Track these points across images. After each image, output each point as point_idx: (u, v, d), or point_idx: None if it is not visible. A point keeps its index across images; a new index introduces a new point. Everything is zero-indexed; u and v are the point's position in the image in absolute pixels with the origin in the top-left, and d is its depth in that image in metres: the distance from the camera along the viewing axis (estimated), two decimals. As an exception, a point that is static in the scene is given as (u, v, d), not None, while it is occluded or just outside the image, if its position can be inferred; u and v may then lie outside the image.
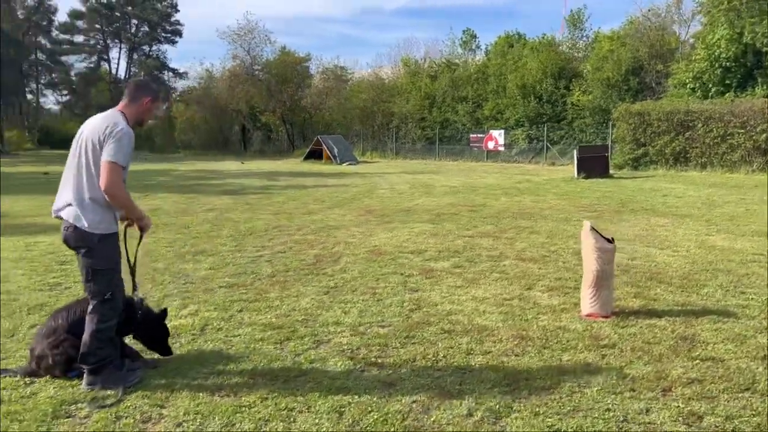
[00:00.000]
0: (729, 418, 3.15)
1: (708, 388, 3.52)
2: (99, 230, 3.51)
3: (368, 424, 3.07)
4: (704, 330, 4.50)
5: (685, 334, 4.41)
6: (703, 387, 3.54)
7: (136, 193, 15.16)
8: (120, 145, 3.47)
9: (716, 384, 3.57)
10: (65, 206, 3.55)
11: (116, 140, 3.48)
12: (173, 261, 7.06)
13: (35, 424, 3.06)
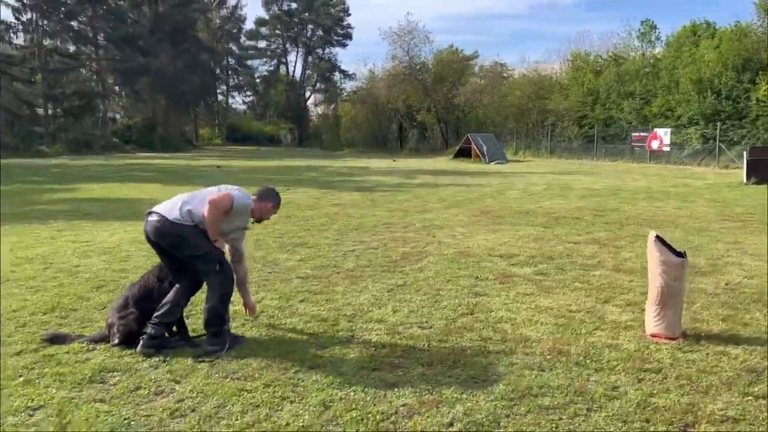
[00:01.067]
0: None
1: (740, 429, 3.07)
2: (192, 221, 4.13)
3: (345, 421, 3.13)
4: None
5: (755, 367, 3.86)
6: (734, 428, 3.10)
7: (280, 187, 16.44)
8: (238, 191, 4.29)
9: (754, 426, 3.10)
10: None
11: (240, 193, 4.28)
12: (273, 251, 7.57)
13: (71, 386, 3.53)
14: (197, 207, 4.12)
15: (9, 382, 3.57)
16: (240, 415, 3.18)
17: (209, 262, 4.11)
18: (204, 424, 3.08)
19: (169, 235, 4.08)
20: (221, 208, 4.14)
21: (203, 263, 4.11)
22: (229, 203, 4.16)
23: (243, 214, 4.33)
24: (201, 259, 4.10)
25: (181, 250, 4.09)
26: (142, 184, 17.49)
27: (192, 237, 4.07)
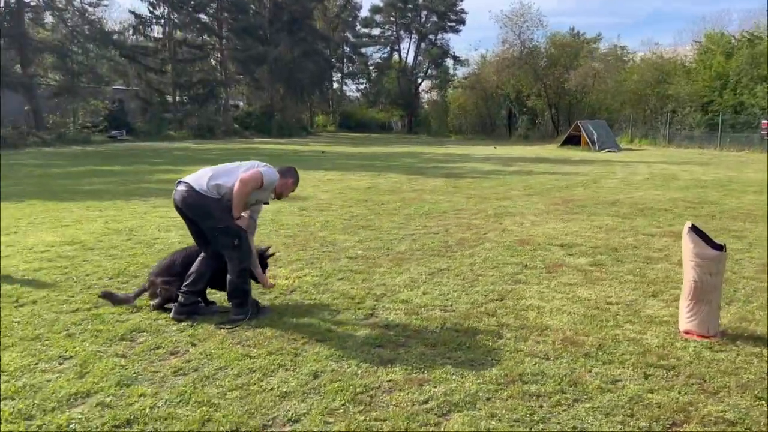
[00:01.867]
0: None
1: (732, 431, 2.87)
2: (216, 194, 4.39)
3: (326, 390, 3.27)
4: (818, 370, 3.55)
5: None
6: (725, 430, 2.90)
7: (373, 172, 16.79)
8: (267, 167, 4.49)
9: (750, 430, 2.89)
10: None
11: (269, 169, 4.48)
12: (337, 232, 7.82)
13: (102, 342, 3.95)
14: (224, 181, 4.38)
15: (55, 335, 4.05)
16: (234, 378, 3.42)
17: (228, 236, 4.37)
18: (198, 383, 3.35)
19: (194, 205, 4.37)
20: (252, 185, 4.36)
21: (223, 236, 4.38)
22: (260, 181, 4.38)
23: (267, 190, 4.55)
24: (221, 232, 4.37)
25: (205, 221, 4.39)
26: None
27: (215, 210, 4.35)
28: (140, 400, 3.11)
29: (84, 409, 3.02)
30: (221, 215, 4.37)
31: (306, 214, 9.31)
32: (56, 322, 4.31)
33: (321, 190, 12.35)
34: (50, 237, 7.30)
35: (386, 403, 3.13)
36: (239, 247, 4.40)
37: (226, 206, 4.38)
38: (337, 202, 10.58)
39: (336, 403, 3.12)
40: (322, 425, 2.90)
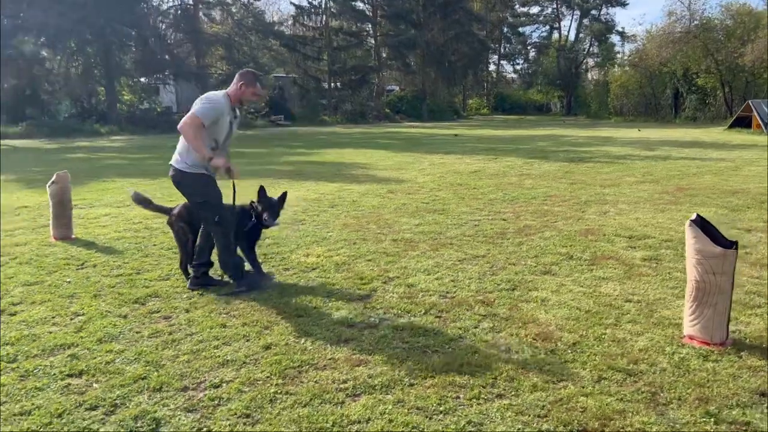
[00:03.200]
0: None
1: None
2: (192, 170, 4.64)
3: (263, 362, 3.45)
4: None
5: (760, 389, 3.09)
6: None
7: (492, 155, 16.46)
8: (201, 105, 4.52)
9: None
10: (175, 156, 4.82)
11: (201, 101, 4.57)
12: (404, 215, 7.91)
13: (118, 303, 4.48)
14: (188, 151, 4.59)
15: (85, 295, 4.66)
16: (195, 344, 3.73)
17: (208, 211, 4.65)
18: (162, 345, 3.71)
19: (179, 183, 4.69)
20: (192, 127, 4.42)
21: (204, 210, 4.68)
22: (196, 121, 4.42)
23: (222, 114, 4.56)
24: (201, 207, 4.68)
25: (189, 197, 4.71)
26: (372, 150, 19.07)
27: (194, 185, 4.61)
28: (104, 356, 3.54)
29: (56, 359, 3.50)
30: (200, 189, 4.62)
31: (390, 196, 9.49)
32: (95, 284, 4.96)
33: (425, 174, 12.43)
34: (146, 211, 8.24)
35: (308, 379, 3.25)
36: (220, 223, 4.66)
37: (206, 179, 4.60)
38: (429, 186, 10.62)
39: (262, 374, 3.30)
40: (235, 393, 3.10)
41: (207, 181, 4.69)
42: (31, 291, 4.78)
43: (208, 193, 4.67)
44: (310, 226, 7.30)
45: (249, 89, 4.72)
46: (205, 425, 2.78)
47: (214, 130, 4.60)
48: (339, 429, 2.76)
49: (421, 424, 2.79)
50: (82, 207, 8.68)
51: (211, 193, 4.69)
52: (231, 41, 36.04)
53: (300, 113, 40.54)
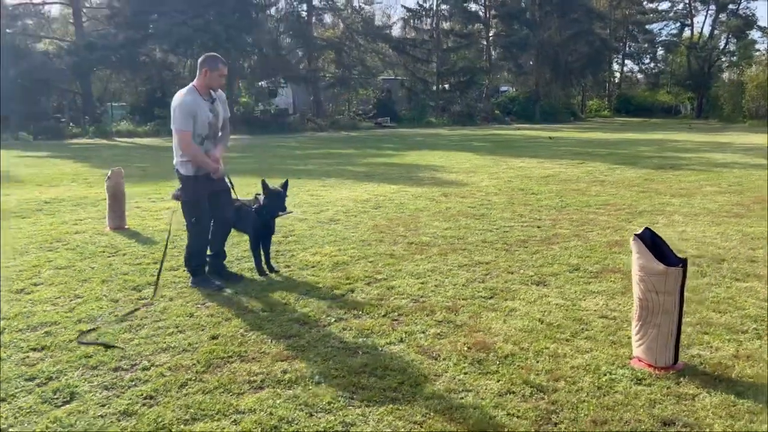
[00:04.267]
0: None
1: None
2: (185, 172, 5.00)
3: (198, 351, 3.71)
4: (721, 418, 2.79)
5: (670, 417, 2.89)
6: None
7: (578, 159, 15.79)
8: (175, 115, 4.80)
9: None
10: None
11: (174, 111, 4.83)
12: (439, 219, 7.92)
13: (117, 289, 4.95)
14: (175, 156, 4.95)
15: (95, 280, 5.19)
16: (154, 329, 4.06)
17: (188, 213, 5.00)
18: (128, 329, 4.08)
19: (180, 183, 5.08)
20: (190, 147, 4.76)
21: (185, 211, 5.03)
22: (186, 137, 4.73)
23: (194, 110, 4.74)
24: (184, 205, 5.03)
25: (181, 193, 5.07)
26: (458, 152, 18.97)
27: (183, 185, 4.97)
28: (71, 335, 3.97)
29: (33, 334, 3.98)
30: (186, 191, 4.97)
31: (440, 199, 9.50)
32: (111, 270, 5.49)
33: (493, 178, 12.24)
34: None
35: (227, 370, 3.46)
36: (195, 226, 5.00)
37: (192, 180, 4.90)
38: (488, 190, 10.48)
39: (190, 362, 3.56)
40: (156, 376, 3.37)
41: (193, 183, 4.98)
42: (57, 274, 5.39)
43: (191, 194, 5.00)
44: (340, 225, 7.52)
45: (214, 73, 4.87)
46: (109, 402, 3.07)
47: (195, 128, 4.84)
48: (220, 416, 2.94)
49: (296, 420, 2.91)
50: (153, 200, 9.50)
51: (194, 194, 5.00)
52: (341, 45, 37.22)
53: (407, 115, 41.00)
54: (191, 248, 5.14)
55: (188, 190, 5.03)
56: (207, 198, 5.08)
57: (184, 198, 5.08)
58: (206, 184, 5.05)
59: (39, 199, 9.75)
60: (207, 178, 5.05)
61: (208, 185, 5.06)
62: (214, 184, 5.10)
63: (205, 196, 5.07)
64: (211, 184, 5.08)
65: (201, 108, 4.87)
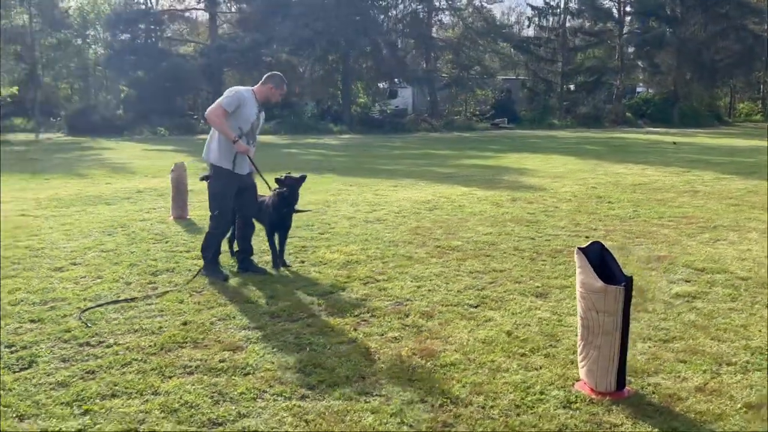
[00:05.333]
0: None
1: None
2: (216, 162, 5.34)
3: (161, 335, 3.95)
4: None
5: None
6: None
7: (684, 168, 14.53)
8: (225, 96, 5.23)
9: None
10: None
11: (226, 93, 5.29)
12: (486, 224, 7.73)
13: (137, 274, 5.39)
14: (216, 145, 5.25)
15: (122, 262, 5.68)
16: (139, 312, 4.39)
17: (213, 204, 5.31)
18: (117, 309, 4.45)
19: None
20: (216, 115, 5.12)
21: (211, 201, 5.34)
22: (219, 109, 5.11)
23: (245, 106, 5.18)
24: (211, 197, 5.34)
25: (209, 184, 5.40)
26: (562, 156, 18.19)
27: (214, 175, 5.30)
28: (70, 311, 4.40)
29: (39, 307, 4.46)
30: (216, 183, 5.30)
31: (502, 204, 9.26)
32: (143, 255, 5.98)
33: (578, 183, 11.66)
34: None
35: (173, 355, 3.66)
36: (216, 218, 5.29)
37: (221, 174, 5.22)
38: (562, 196, 10.03)
39: (147, 343, 3.82)
40: (111, 354, 3.67)
41: (217, 174, 5.33)
42: (98, 256, 5.97)
43: (219, 186, 5.34)
44: (382, 226, 7.59)
45: (277, 91, 5.42)
46: (54, 373, 3.39)
47: (238, 119, 5.22)
48: (135, 396, 3.15)
49: (199, 406, 3.05)
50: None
51: (221, 187, 5.32)
52: (459, 45, 37.00)
53: (526, 116, 39.91)
54: (209, 238, 5.46)
55: (218, 182, 5.35)
56: (233, 193, 5.38)
57: (213, 189, 5.40)
58: (236, 179, 5.35)
59: (135, 189, 10.76)
60: (238, 175, 5.33)
61: (237, 181, 5.36)
62: (242, 180, 5.40)
63: (233, 191, 5.37)
64: (240, 180, 5.38)
65: (250, 106, 5.28)
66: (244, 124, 5.27)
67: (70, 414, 2.94)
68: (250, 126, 5.32)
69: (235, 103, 5.19)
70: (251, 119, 5.31)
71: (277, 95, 5.43)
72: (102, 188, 10.96)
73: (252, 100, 5.31)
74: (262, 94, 5.39)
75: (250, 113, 5.29)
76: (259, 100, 5.38)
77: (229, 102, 5.18)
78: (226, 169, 5.26)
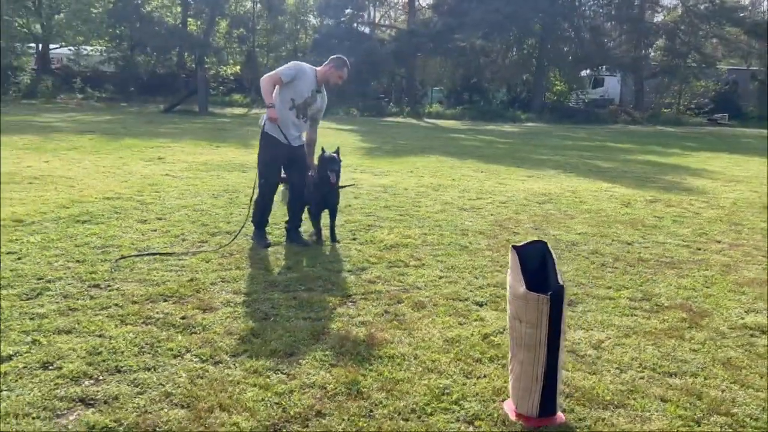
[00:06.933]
0: None
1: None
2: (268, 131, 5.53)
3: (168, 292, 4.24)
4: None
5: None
6: None
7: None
8: (286, 66, 5.41)
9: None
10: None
11: (287, 65, 5.47)
12: (590, 222, 6.98)
13: (185, 237, 5.82)
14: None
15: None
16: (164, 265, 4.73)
17: (260, 172, 5.48)
18: (154, 260, 4.85)
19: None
20: (268, 80, 5.25)
21: (259, 168, 5.51)
22: (275, 76, 5.26)
23: (301, 80, 5.30)
24: (259, 165, 5.51)
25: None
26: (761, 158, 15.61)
27: (261, 142, 5.47)
28: (115, 254, 4.90)
29: (94, 250, 5.03)
30: (261, 148, 5.49)
31: (633, 204, 8.27)
32: (219, 218, 6.40)
33: (750, 190, 9.94)
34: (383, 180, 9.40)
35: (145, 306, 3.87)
36: (264, 186, 5.49)
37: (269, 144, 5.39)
38: (716, 202, 8.64)
39: (140, 293, 4.10)
40: (104, 297, 4.02)
41: (267, 143, 5.47)
42: (185, 215, 6.51)
43: (263, 153, 5.51)
44: (471, 213, 7.23)
45: (336, 72, 5.42)
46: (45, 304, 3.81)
47: (292, 91, 5.35)
48: (80, 334, 3.42)
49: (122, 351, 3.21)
50: (363, 171, 10.35)
51: (269, 155, 5.49)
52: (675, 30, 33.27)
53: (754, 113, 34.69)
54: (255, 205, 5.65)
55: (267, 151, 5.51)
56: (282, 164, 5.54)
57: (262, 158, 5.59)
58: (284, 149, 5.48)
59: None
60: (287, 145, 5.47)
61: (286, 151, 5.50)
62: (292, 151, 5.52)
63: (280, 161, 5.54)
64: (289, 151, 5.51)
65: (307, 83, 5.40)
66: (297, 97, 5.38)
67: (20, 341, 3.29)
68: (303, 101, 5.40)
69: (293, 74, 5.32)
70: (305, 95, 5.40)
71: (336, 77, 5.43)
72: (251, 157, 11.91)
73: (311, 78, 5.40)
74: (323, 75, 5.46)
75: (304, 89, 5.38)
76: (319, 80, 5.45)
77: (286, 72, 5.33)
78: (275, 138, 5.40)
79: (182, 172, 9.56)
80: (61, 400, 2.73)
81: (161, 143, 13.48)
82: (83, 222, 5.98)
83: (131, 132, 15.95)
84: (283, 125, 5.36)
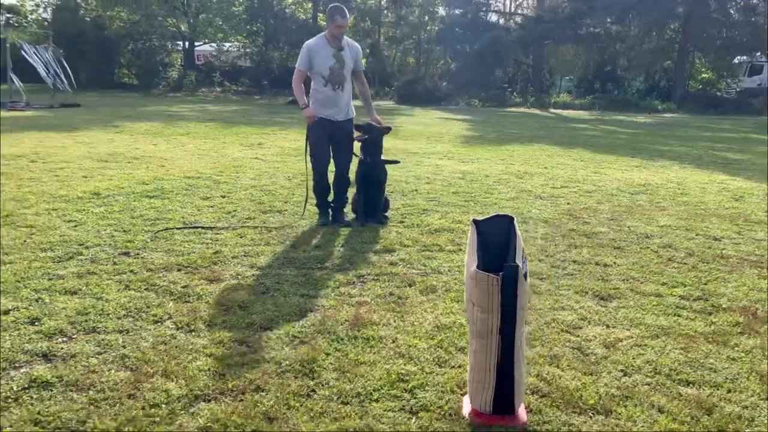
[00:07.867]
0: None
1: None
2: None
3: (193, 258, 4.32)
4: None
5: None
6: None
7: None
8: (299, 56, 5.34)
9: None
10: None
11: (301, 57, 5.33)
12: (671, 214, 6.23)
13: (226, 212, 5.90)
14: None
15: (265, 203, 6.25)
16: (200, 237, 4.83)
17: (309, 151, 5.46)
18: (194, 233, 4.97)
19: None
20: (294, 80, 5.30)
21: (307, 148, 5.49)
22: (296, 74, 5.26)
23: (315, 55, 5.18)
24: (307, 144, 5.48)
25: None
26: None
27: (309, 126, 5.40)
28: (161, 226, 5.08)
29: (145, 222, 5.25)
30: (309, 133, 5.43)
31: (749, 199, 7.28)
32: (274, 198, 6.45)
33: None
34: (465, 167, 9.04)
35: (157, 274, 3.96)
36: (314, 163, 5.48)
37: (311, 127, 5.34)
38: None
39: (159, 261, 4.20)
40: (125, 265, 4.16)
41: (317, 125, 5.41)
42: (250, 194, 6.63)
43: (311, 134, 5.45)
44: (546, 202, 6.70)
45: (332, 25, 5.18)
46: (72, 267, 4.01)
47: (316, 68, 5.26)
48: (83, 296, 3.54)
49: (108, 314, 3.27)
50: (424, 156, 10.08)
51: (315, 135, 5.43)
52: None
53: None
54: (314, 189, 5.63)
55: (313, 131, 5.46)
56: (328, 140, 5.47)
57: (310, 139, 5.54)
58: (328, 126, 5.41)
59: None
60: (330, 121, 5.40)
61: (329, 128, 5.42)
62: (336, 129, 5.43)
63: (326, 139, 5.46)
64: (333, 128, 5.42)
65: (322, 52, 5.26)
66: (324, 71, 5.25)
67: (25, 297, 3.47)
68: (329, 71, 5.25)
69: (305, 58, 5.25)
70: (328, 64, 5.24)
71: (334, 29, 5.16)
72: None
73: (323, 45, 5.24)
74: (330, 35, 5.26)
75: (323, 59, 5.23)
76: (331, 42, 5.25)
77: (301, 61, 5.28)
78: (318, 117, 5.33)
79: (272, 156, 9.81)
80: (26, 353, 2.82)
81: (269, 131, 13.98)
82: (151, 197, 6.29)
83: (248, 121, 16.73)
84: (324, 105, 5.31)
